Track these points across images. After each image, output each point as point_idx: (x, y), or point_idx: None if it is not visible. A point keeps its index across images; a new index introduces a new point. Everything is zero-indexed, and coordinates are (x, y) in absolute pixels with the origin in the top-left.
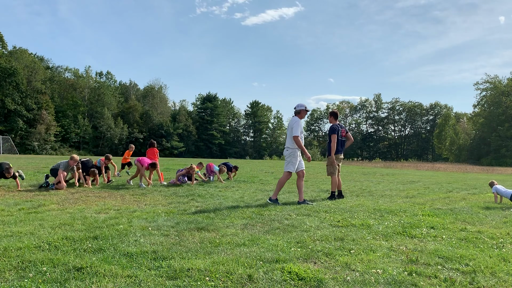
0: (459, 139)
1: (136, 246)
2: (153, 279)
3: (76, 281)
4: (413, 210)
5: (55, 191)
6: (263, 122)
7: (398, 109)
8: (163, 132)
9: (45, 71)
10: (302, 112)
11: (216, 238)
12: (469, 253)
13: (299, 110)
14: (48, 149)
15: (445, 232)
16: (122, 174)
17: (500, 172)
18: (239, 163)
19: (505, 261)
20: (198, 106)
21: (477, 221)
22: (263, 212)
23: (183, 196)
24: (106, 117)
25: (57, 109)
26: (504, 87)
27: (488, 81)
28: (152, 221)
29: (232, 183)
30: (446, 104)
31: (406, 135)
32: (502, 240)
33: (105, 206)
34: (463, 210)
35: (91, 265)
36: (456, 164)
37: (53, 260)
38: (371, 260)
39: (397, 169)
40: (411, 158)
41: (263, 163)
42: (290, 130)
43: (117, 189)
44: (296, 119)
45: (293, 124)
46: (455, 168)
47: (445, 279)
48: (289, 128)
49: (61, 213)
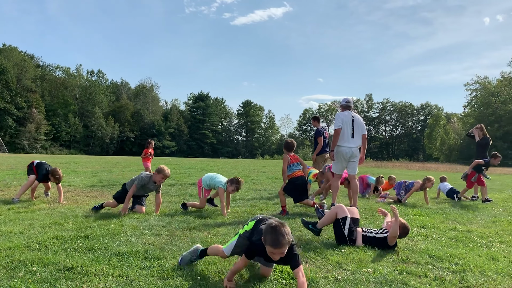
0: (450, 139)
1: (128, 246)
2: (144, 279)
3: (66, 281)
4: (404, 210)
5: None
6: (255, 122)
7: (389, 109)
8: (155, 131)
9: (35, 69)
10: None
11: (208, 237)
12: (459, 252)
13: (352, 106)
14: (38, 148)
15: (435, 231)
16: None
17: (489, 172)
18: (231, 162)
19: (494, 260)
20: (190, 105)
21: (467, 220)
22: (255, 211)
23: (174, 196)
24: (97, 116)
25: (47, 107)
26: (493, 88)
27: (478, 82)
28: (143, 220)
29: None
30: (437, 105)
31: (397, 135)
32: (491, 239)
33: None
34: (453, 210)
35: (82, 264)
36: (446, 164)
37: (43, 259)
38: (362, 259)
39: (388, 168)
40: (402, 158)
41: (255, 162)
42: (361, 127)
43: (108, 188)
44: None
45: (363, 122)
46: (446, 168)
47: (435, 278)
48: (358, 125)
49: (52, 213)
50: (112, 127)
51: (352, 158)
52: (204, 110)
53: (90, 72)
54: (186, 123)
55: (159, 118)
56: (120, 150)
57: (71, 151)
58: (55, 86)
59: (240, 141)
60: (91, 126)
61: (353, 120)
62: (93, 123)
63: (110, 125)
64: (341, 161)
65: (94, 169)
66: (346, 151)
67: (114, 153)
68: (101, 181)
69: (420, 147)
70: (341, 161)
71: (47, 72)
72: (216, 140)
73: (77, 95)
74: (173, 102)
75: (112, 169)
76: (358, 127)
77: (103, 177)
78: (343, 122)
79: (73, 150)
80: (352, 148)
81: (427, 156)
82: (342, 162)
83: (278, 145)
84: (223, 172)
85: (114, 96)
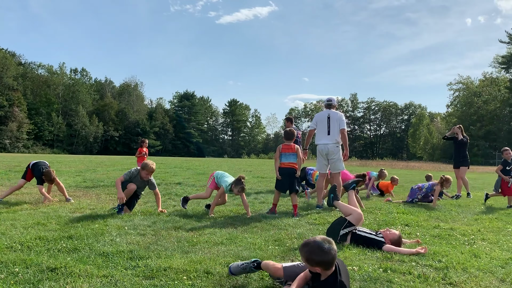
0: (433, 138)
1: (112, 246)
2: (129, 279)
3: (50, 281)
4: (388, 208)
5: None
6: (241, 121)
7: (373, 108)
8: (140, 130)
9: (17, 67)
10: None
11: (194, 237)
12: (442, 249)
13: (335, 104)
14: (20, 147)
15: (419, 229)
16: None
17: (471, 170)
18: (217, 162)
19: (476, 257)
20: (176, 104)
21: (450, 218)
22: (241, 210)
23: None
24: (80, 115)
25: (29, 106)
26: (475, 87)
27: (461, 82)
28: (128, 220)
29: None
30: (420, 104)
31: (382, 134)
32: (473, 237)
33: (80, 205)
34: (436, 208)
35: (65, 265)
36: (430, 163)
37: (26, 260)
38: (347, 257)
39: (372, 167)
40: (386, 157)
41: (241, 161)
42: (337, 122)
43: (92, 188)
44: (341, 113)
45: (342, 117)
46: (429, 166)
47: (418, 276)
48: (334, 120)
49: (34, 213)
50: (96, 126)
51: (330, 155)
52: (189, 109)
53: (74, 71)
54: (171, 122)
55: (144, 117)
56: (104, 149)
57: (54, 150)
58: (37, 84)
59: (226, 140)
60: (75, 125)
61: (329, 117)
62: (77, 122)
63: (94, 124)
64: (320, 159)
65: (77, 168)
66: (322, 148)
67: (98, 152)
68: (85, 180)
69: (404, 146)
70: (320, 159)
71: (29, 70)
72: (202, 139)
73: (60, 94)
74: (158, 101)
75: (96, 168)
76: (334, 122)
77: (87, 177)
78: (317, 122)
79: (56, 149)
80: (328, 145)
81: (411, 155)
82: (321, 160)
83: (264, 144)
84: (209, 171)
85: (98, 94)
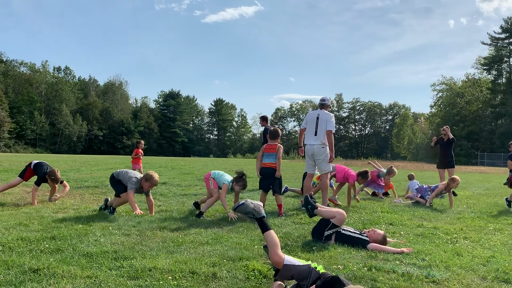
0: (417, 138)
1: (96, 246)
2: (114, 279)
3: (32, 283)
4: (373, 207)
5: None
6: (227, 120)
7: (358, 108)
8: (124, 129)
9: None
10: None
11: (179, 237)
12: (425, 248)
13: (328, 104)
14: (2, 147)
15: (403, 228)
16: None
17: (455, 170)
18: (202, 161)
19: (458, 255)
20: (161, 103)
21: (433, 217)
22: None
23: (144, 195)
24: (64, 114)
25: (11, 104)
26: (458, 88)
27: (444, 83)
28: (112, 220)
29: (195, 182)
30: (404, 104)
31: (366, 134)
32: (456, 235)
33: (64, 205)
34: (420, 207)
35: (48, 266)
36: (413, 163)
37: (7, 262)
38: (332, 256)
39: (357, 167)
40: (371, 156)
41: (227, 161)
42: (325, 123)
43: (76, 188)
44: (331, 114)
45: (330, 118)
46: (413, 166)
47: (402, 274)
48: (322, 121)
49: (16, 213)
50: (80, 125)
51: (315, 156)
52: (175, 108)
53: (57, 69)
54: (156, 122)
55: (129, 116)
56: (88, 149)
57: (37, 150)
58: (19, 82)
59: (212, 139)
60: (58, 124)
61: (318, 117)
62: (60, 121)
63: (77, 123)
64: (307, 159)
65: (61, 168)
66: (308, 149)
67: (82, 152)
68: (68, 180)
69: (388, 146)
70: (307, 159)
71: (11, 68)
72: (187, 138)
73: (43, 92)
74: (143, 100)
75: (80, 168)
76: (322, 123)
77: (70, 177)
78: (307, 122)
79: (39, 149)
80: (314, 146)
81: (395, 154)
82: (308, 160)
83: (250, 143)
84: (194, 171)
85: (82, 93)
